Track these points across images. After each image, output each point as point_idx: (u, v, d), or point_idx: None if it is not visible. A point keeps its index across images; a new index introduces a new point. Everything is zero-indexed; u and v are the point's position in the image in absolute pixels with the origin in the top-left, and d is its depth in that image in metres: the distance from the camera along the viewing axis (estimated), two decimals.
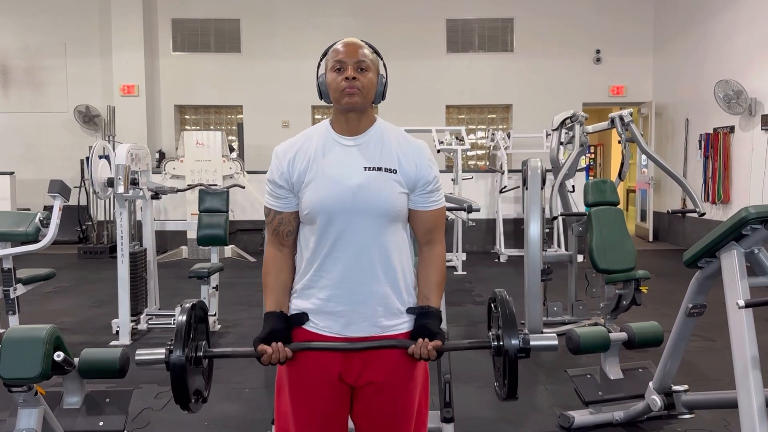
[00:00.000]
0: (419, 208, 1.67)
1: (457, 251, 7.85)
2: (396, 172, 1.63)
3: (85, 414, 2.52)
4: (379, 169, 1.62)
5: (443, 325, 2.99)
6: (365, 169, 1.62)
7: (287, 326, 1.65)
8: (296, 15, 10.39)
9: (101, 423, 2.51)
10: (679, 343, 2.74)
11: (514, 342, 1.59)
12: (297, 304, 1.68)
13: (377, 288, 1.63)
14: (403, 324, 1.67)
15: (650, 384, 2.90)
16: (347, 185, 1.60)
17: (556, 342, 1.66)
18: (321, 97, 1.71)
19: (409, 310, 1.67)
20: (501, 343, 1.62)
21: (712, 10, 8.76)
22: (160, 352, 1.61)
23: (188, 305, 1.67)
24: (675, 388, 2.84)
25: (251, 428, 3.14)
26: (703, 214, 4.65)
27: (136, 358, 1.67)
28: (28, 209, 7.15)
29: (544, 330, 4.57)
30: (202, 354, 1.67)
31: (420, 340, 1.59)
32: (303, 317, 1.66)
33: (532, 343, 1.61)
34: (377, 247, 1.62)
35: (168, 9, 10.45)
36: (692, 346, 4.11)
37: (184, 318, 1.63)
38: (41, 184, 4.97)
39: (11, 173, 9.01)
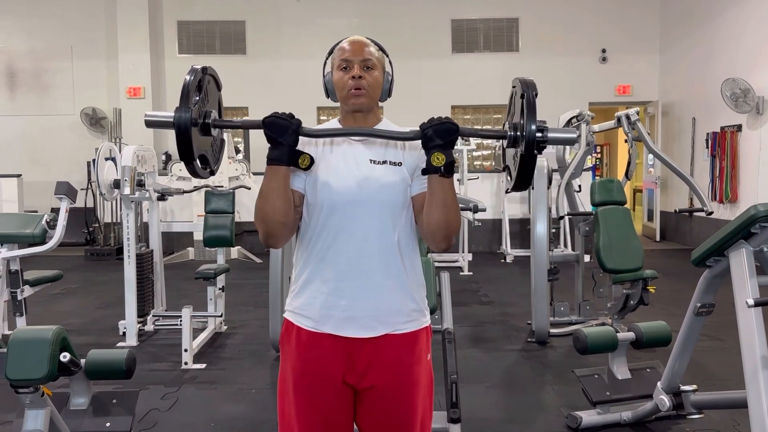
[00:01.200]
0: (418, 191, 1.62)
1: (463, 252, 7.83)
2: (401, 165, 1.62)
3: (92, 415, 2.52)
4: (385, 162, 1.62)
5: (448, 326, 2.99)
6: (371, 162, 1.61)
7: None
8: (301, 16, 10.40)
9: (108, 424, 2.51)
10: (687, 342, 2.72)
11: (533, 128, 1.53)
12: (294, 305, 1.65)
13: (381, 281, 1.60)
14: (407, 323, 1.64)
15: (658, 384, 2.88)
16: (352, 176, 1.59)
17: (574, 135, 1.63)
18: (327, 96, 1.72)
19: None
20: (519, 133, 1.56)
21: (719, 7, 8.71)
22: (169, 114, 1.59)
23: (199, 67, 1.64)
24: (683, 388, 2.82)
25: (257, 429, 3.14)
26: (711, 213, 4.63)
27: (145, 118, 1.66)
28: (35, 211, 7.18)
29: (551, 330, 4.56)
30: (210, 122, 1.64)
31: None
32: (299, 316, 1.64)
33: (550, 134, 1.54)
34: (381, 239, 1.60)
35: (174, 11, 10.48)
36: (701, 345, 4.09)
37: (192, 77, 1.60)
38: (48, 186, 4.98)
39: (18, 176, 9.04)
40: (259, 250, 8.83)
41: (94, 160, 4.90)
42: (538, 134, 1.53)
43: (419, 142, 1.60)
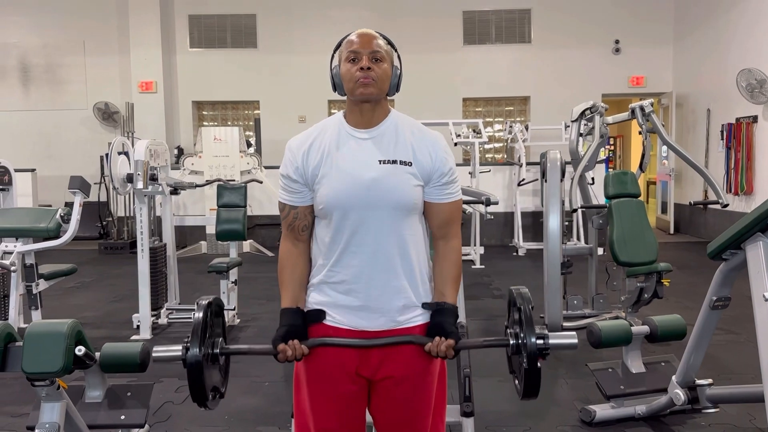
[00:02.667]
0: (435, 200, 1.65)
1: (475, 245, 7.81)
2: (411, 165, 1.61)
3: (107, 408, 2.54)
4: (394, 162, 1.60)
5: (461, 319, 2.98)
6: (380, 163, 1.60)
7: (303, 322, 1.63)
8: (312, 9, 10.38)
9: (123, 417, 2.53)
10: (702, 336, 2.69)
11: (533, 340, 1.55)
12: (314, 299, 1.67)
13: (394, 282, 1.62)
14: (417, 317, 1.65)
15: (673, 378, 2.86)
16: (362, 179, 1.58)
17: (575, 341, 1.61)
18: (335, 90, 1.69)
19: (425, 306, 1.65)
20: (520, 342, 1.58)
21: None
22: (177, 349, 1.59)
23: (204, 302, 1.64)
24: (699, 382, 2.80)
25: (271, 421, 3.15)
26: (726, 205, 4.58)
27: (153, 355, 1.66)
28: (50, 206, 7.24)
29: (564, 324, 4.53)
30: (218, 351, 1.65)
31: (437, 338, 1.58)
32: (320, 315, 1.65)
33: (551, 341, 1.56)
34: (393, 240, 1.61)
35: (185, 5, 10.49)
36: (716, 339, 4.04)
37: (201, 315, 1.60)
38: (62, 180, 5.02)
39: (32, 170, 9.12)
40: (271, 244, 8.85)
41: (107, 155, 4.92)
42: (539, 342, 1.55)
43: (432, 142, 1.65)
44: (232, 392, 3.53)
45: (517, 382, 1.70)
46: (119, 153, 4.67)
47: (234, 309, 4.93)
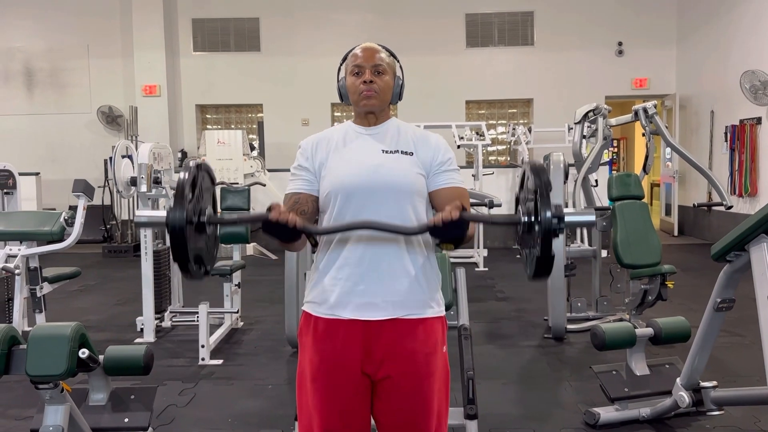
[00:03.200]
0: (439, 185, 1.71)
1: (478, 247, 7.80)
2: (412, 154, 1.70)
3: (111, 411, 2.54)
4: (396, 151, 1.71)
5: (464, 322, 2.98)
6: (383, 152, 1.70)
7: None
8: (315, 12, 10.40)
9: (126, 420, 2.53)
10: (707, 338, 2.69)
11: (548, 215, 1.43)
12: (316, 291, 1.68)
13: (398, 267, 1.63)
14: (425, 309, 1.67)
15: (677, 380, 2.85)
16: (366, 164, 1.67)
17: (593, 217, 1.56)
18: (341, 100, 1.81)
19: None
20: (533, 218, 1.48)
21: None
22: (161, 214, 1.50)
23: (193, 164, 1.55)
24: (703, 384, 2.78)
25: (274, 424, 3.15)
26: (730, 207, 4.57)
27: (135, 219, 1.61)
28: (54, 209, 7.26)
29: (568, 326, 4.53)
30: (205, 219, 1.57)
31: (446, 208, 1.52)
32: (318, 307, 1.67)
33: (567, 218, 1.45)
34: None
35: (188, 9, 10.52)
36: (720, 341, 4.04)
37: (186, 176, 1.51)
38: (66, 184, 5.03)
39: (36, 174, 9.15)
40: (275, 247, 8.85)
41: (111, 158, 4.94)
42: (555, 222, 1.43)
43: (431, 138, 1.74)
44: (234, 395, 3.55)
45: (526, 261, 1.61)
46: (123, 156, 4.69)
47: (237, 312, 4.93)
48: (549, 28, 10.37)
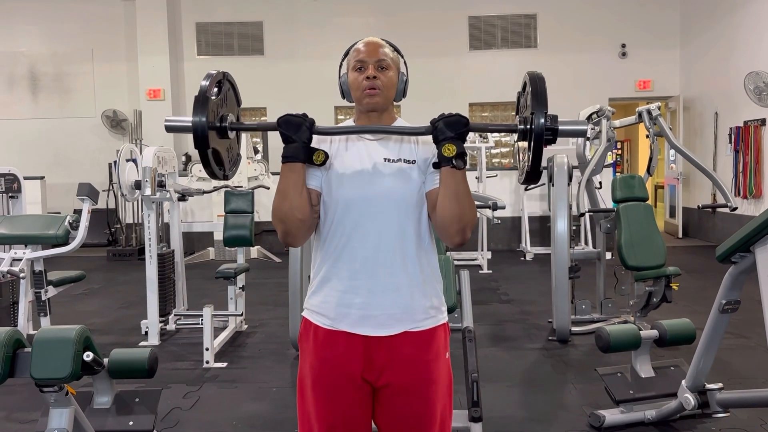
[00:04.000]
0: (433, 187, 1.61)
1: (482, 250, 7.79)
2: (415, 163, 1.63)
3: (115, 414, 2.55)
4: (399, 160, 1.63)
5: (468, 324, 2.97)
6: (385, 161, 1.62)
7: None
8: (318, 16, 10.41)
9: (131, 423, 2.53)
10: (712, 340, 2.68)
11: (542, 121, 1.52)
12: (315, 300, 1.65)
13: (397, 279, 1.60)
14: (425, 320, 1.63)
15: (683, 382, 2.84)
16: (367, 174, 1.61)
17: (586, 128, 1.62)
18: (343, 96, 1.73)
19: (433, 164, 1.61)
20: (528, 126, 1.55)
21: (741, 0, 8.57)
22: (188, 119, 1.63)
23: (214, 72, 1.69)
24: (709, 386, 2.77)
25: (279, 427, 3.15)
26: (735, 208, 4.56)
27: (165, 123, 1.73)
28: (58, 213, 7.28)
29: (573, 329, 4.52)
30: (227, 125, 1.68)
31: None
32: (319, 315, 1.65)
33: (561, 127, 1.55)
34: (397, 236, 1.59)
35: (192, 13, 10.55)
36: (726, 343, 4.02)
37: (208, 82, 1.64)
38: (71, 188, 5.05)
39: (41, 178, 9.17)
40: (279, 250, 8.86)
41: (115, 162, 4.95)
42: (547, 134, 1.53)
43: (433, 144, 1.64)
44: (239, 398, 3.55)
45: (519, 169, 1.71)
46: (127, 160, 4.69)
47: (242, 315, 4.93)
48: (552, 30, 10.37)
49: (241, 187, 8.03)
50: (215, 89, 1.66)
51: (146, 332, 4.69)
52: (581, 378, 3.74)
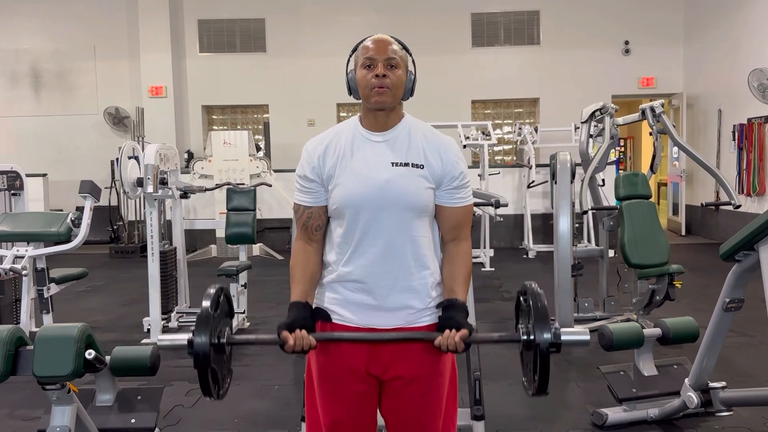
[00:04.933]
0: (445, 204, 1.66)
1: (484, 247, 7.79)
2: (423, 167, 1.63)
3: (117, 411, 2.55)
4: (406, 164, 1.62)
5: (471, 322, 2.97)
6: (392, 165, 1.62)
7: (312, 316, 1.64)
8: (320, 13, 10.40)
9: (133, 420, 2.54)
10: (715, 338, 2.67)
11: (546, 336, 1.54)
12: (325, 297, 1.69)
13: (404, 282, 1.63)
14: (426, 317, 1.66)
15: (686, 381, 2.83)
16: (375, 180, 1.61)
17: (588, 337, 1.61)
18: (350, 93, 1.72)
19: (436, 305, 1.66)
20: (531, 338, 1.57)
21: None
22: (182, 338, 1.57)
23: (212, 290, 1.65)
24: (712, 384, 2.77)
25: (281, 425, 3.15)
26: (739, 206, 4.54)
27: (159, 342, 1.65)
28: (61, 210, 7.29)
29: (575, 326, 4.51)
30: (225, 341, 1.63)
31: (447, 331, 1.57)
32: (328, 316, 1.67)
33: (563, 338, 1.55)
34: (404, 241, 1.62)
35: (194, 10, 10.54)
36: (729, 341, 4.00)
37: (208, 303, 1.60)
38: (73, 185, 5.04)
39: (44, 175, 9.19)
40: (281, 247, 8.87)
41: (117, 159, 4.95)
42: (552, 349, 1.54)
43: (443, 146, 1.66)
44: (242, 395, 3.55)
45: (525, 380, 1.69)
46: (129, 157, 4.69)
47: (244, 312, 4.93)
48: (555, 27, 10.34)
49: (243, 184, 8.02)
50: (214, 306, 1.62)
51: (148, 329, 4.70)
52: (584, 376, 3.74)
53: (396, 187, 1.60)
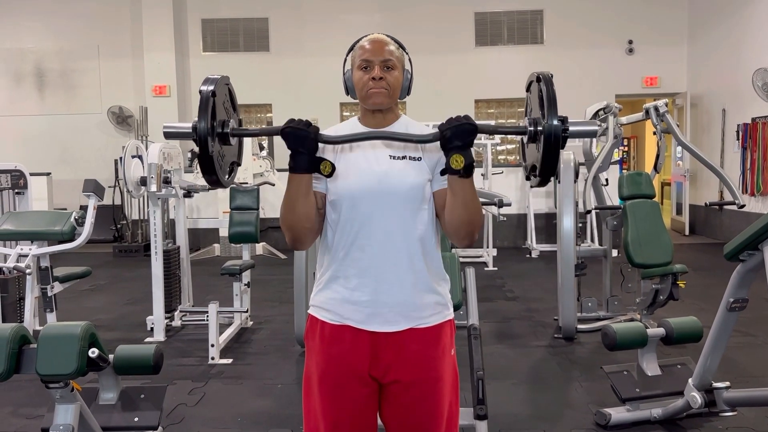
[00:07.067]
0: (440, 187, 1.62)
1: (487, 247, 7.78)
2: (420, 160, 1.62)
3: (121, 410, 2.55)
4: (404, 157, 1.62)
5: (474, 321, 2.97)
6: (391, 158, 1.62)
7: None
8: (324, 12, 10.40)
9: (136, 419, 2.54)
10: (719, 338, 2.66)
11: (556, 122, 1.52)
12: (323, 296, 1.65)
13: (403, 276, 1.60)
14: (432, 317, 1.63)
15: (690, 381, 2.82)
16: (372, 172, 1.60)
17: (597, 127, 1.61)
18: (347, 93, 1.73)
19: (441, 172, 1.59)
20: (539, 128, 1.55)
21: None
22: (187, 125, 1.60)
23: (216, 76, 1.65)
24: (716, 384, 2.76)
25: (284, 423, 3.15)
26: (743, 206, 4.53)
27: (164, 129, 1.68)
28: (65, 209, 7.30)
29: (579, 326, 4.50)
30: (228, 131, 1.65)
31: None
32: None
33: (571, 128, 1.54)
34: (403, 234, 1.59)
35: (198, 10, 10.55)
36: (733, 341, 4.00)
37: (211, 87, 1.60)
38: (77, 184, 5.06)
39: (48, 174, 9.20)
40: (284, 247, 8.87)
41: (121, 158, 4.96)
42: (560, 126, 1.52)
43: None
44: (244, 394, 3.55)
45: (531, 174, 1.68)
46: (133, 156, 4.70)
47: (247, 311, 4.94)
48: (558, 26, 10.32)
49: (247, 183, 8.03)
50: (216, 93, 1.63)
51: (152, 328, 4.70)
52: (587, 376, 3.73)
53: (394, 179, 1.59)
